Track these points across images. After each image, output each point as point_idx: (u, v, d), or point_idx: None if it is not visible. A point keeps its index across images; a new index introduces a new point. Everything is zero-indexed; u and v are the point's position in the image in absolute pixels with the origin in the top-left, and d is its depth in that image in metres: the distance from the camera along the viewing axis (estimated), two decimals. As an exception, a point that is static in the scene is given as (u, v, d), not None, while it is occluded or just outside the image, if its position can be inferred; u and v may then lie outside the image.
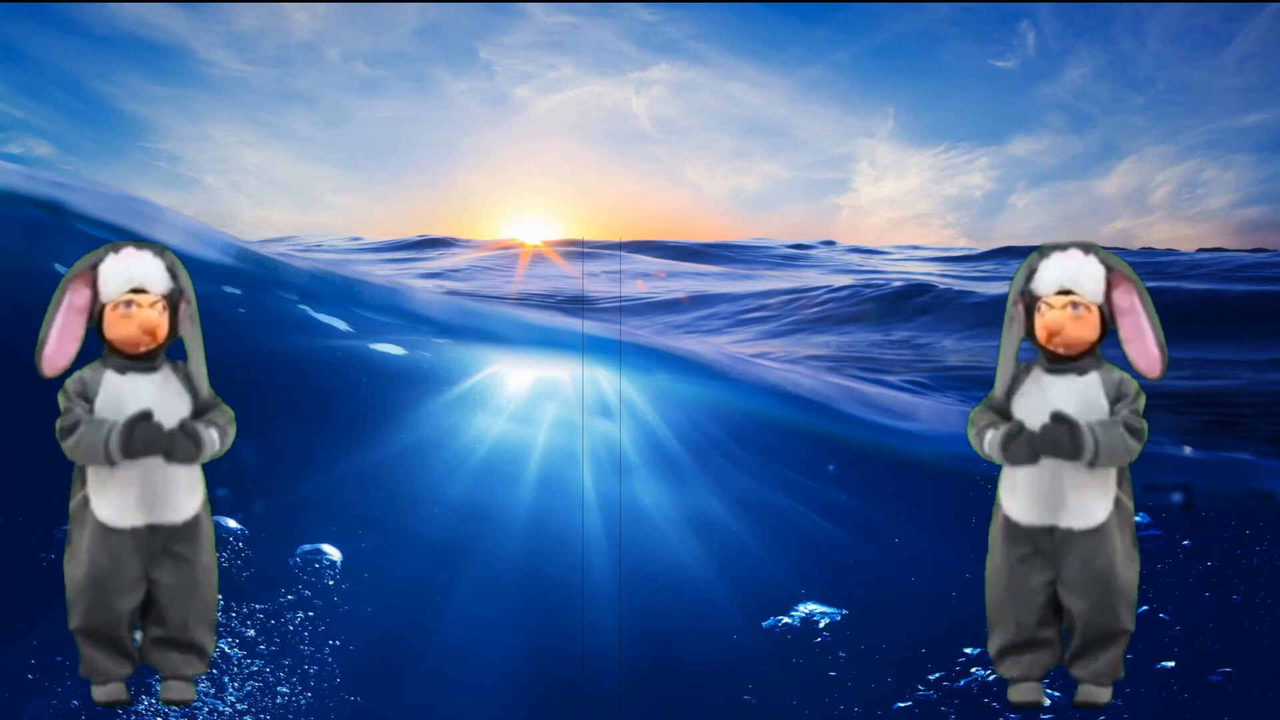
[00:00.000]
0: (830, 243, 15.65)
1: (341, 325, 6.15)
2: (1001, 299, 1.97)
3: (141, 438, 1.83)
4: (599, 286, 10.59)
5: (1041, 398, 1.89)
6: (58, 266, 5.19)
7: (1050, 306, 1.87)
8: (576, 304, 9.00)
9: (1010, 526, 1.94)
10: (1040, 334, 1.89)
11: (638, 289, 10.57)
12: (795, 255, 14.39)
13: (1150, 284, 1.88)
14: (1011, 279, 1.96)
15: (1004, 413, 1.94)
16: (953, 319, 8.47)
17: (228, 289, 5.63)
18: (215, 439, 1.93)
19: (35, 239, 5.09)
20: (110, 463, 1.83)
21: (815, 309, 9.14)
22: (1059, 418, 1.83)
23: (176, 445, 1.87)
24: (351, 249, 14.18)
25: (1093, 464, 1.83)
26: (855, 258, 14.32)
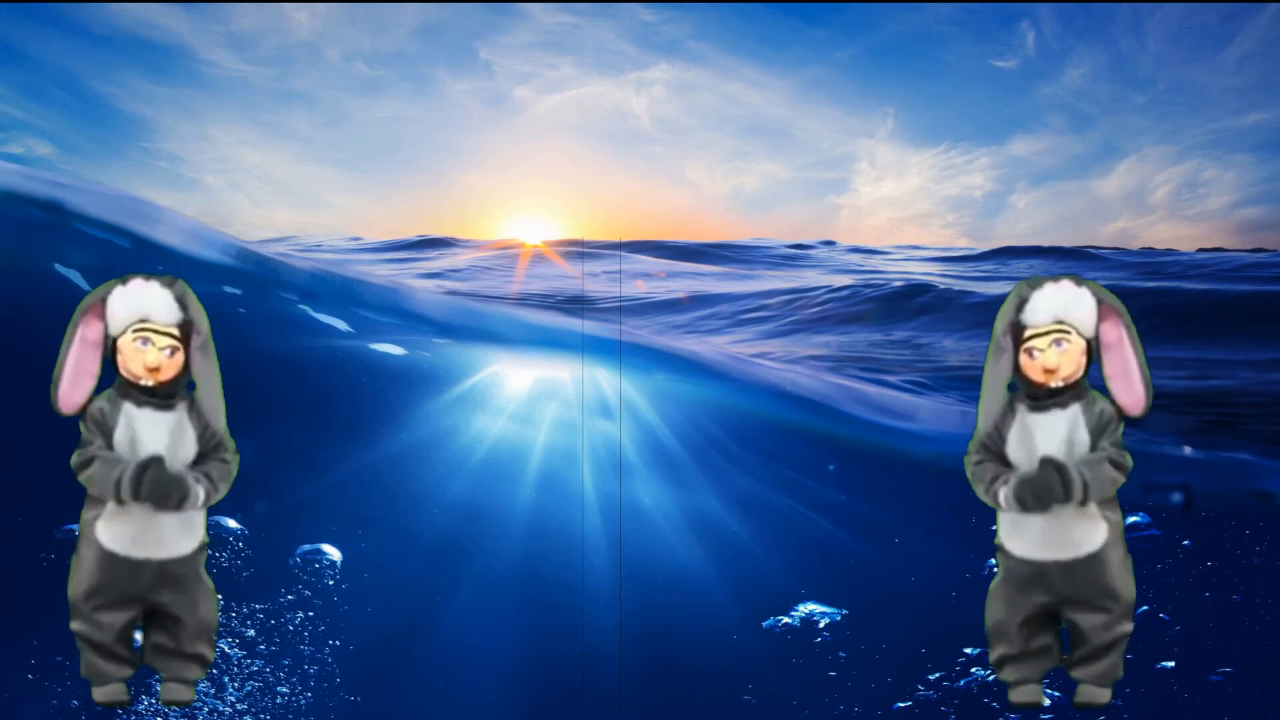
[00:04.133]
0: (830, 243, 15.66)
1: (341, 325, 6.15)
2: (1002, 299, 1.96)
3: (150, 485, 1.82)
4: (599, 286, 10.59)
5: (1030, 441, 1.89)
6: (58, 266, 5.19)
7: (1040, 349, 1.86)
8: (576, 304, 9.00)
9: (1007, 557, 1.96)
10: (1037, 375, 1.87)
11: (638, 289, 10.57)
12: (795, 255, 14.39)
13: (1150, 284, 1.88)
14: (1000, 304, 1.94)
15: (1000, 455, 1.93)
16: (953, 319, 8.47)
17: (228, 289, 5.62)
18: (200, 496, 1.89)
19: (35, 239, 5.09)
20: (120, 502, 1.84)
21: (815, 309, 9.14)
22: (1048, 463, 1.83)
23: (172, 494, 1.85)
24: (351, 249, 14.18)
25: (1083, 503, 1.85)
26: (855, 258, 14.32)
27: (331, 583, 5.93)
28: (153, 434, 1.88)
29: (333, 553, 5.88)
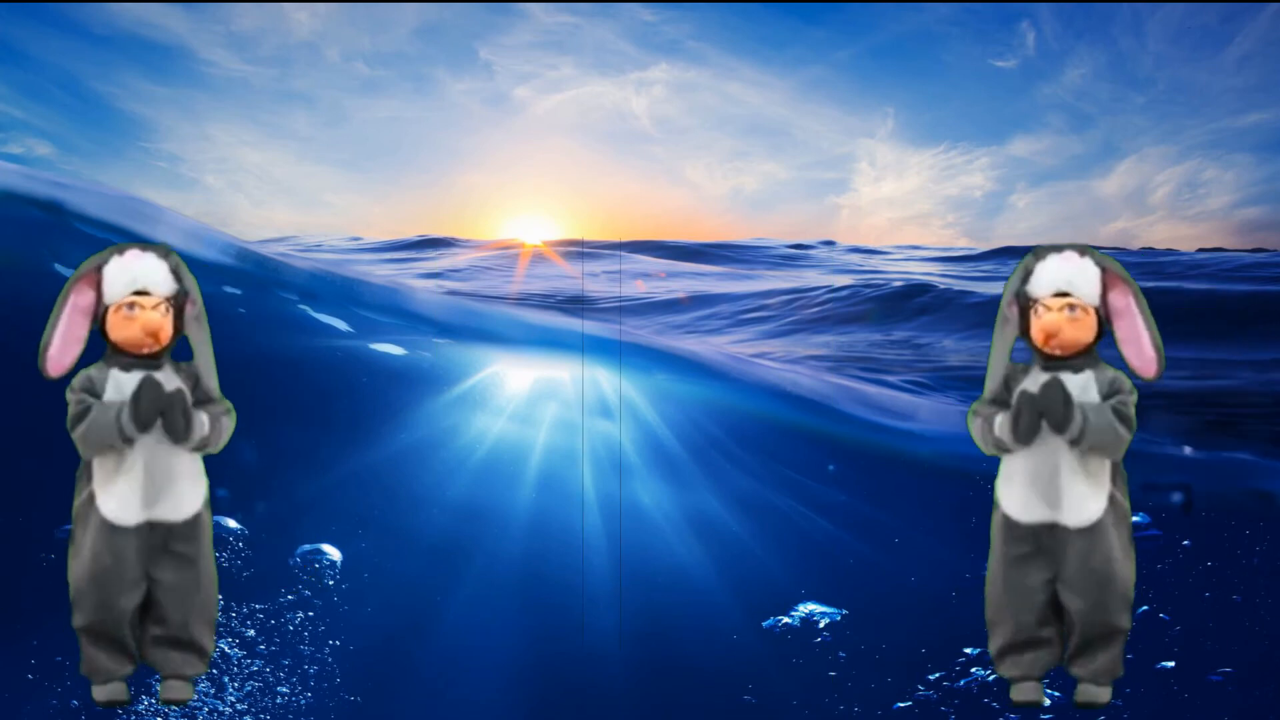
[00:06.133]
0: (830, 243, 15.66)
1: (341, 325, 6.15)
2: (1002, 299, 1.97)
3: (149, 398, 1.83)
4: (599, 286, 10.59)
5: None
6: (58, 266, 5.19)
7: (1047, 309, 1.87)
8: (576, 304, 9.01)
9: (1009, 525, 1.94)
10: (1037, 336, 1.89)
11: (638, 289, 10.57)
12: (795, 255, 14.39)
13: (1150, 284, 1.89)
14: (1007, 279, 1.96)
15: (1004, 404, 1.94)
16: (953, 319, 8.47)
17: (228, 289, 5.63)
18: (204, 421, 1.91)
19: (35, 239, 5.09)
20: (125, 438, 1.83)
21: (815, 309, 9.14)
22: (1055, 382, 1.84)
23: (175, 408, 1.86)
24: (351, 249, 14.18)
25: (1077, 441, 1.84)
26: (855, 258, 14.32)
27: (331, 583, 5.93)
28: None
29: (333, 553, 5.88)
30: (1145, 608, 6.19)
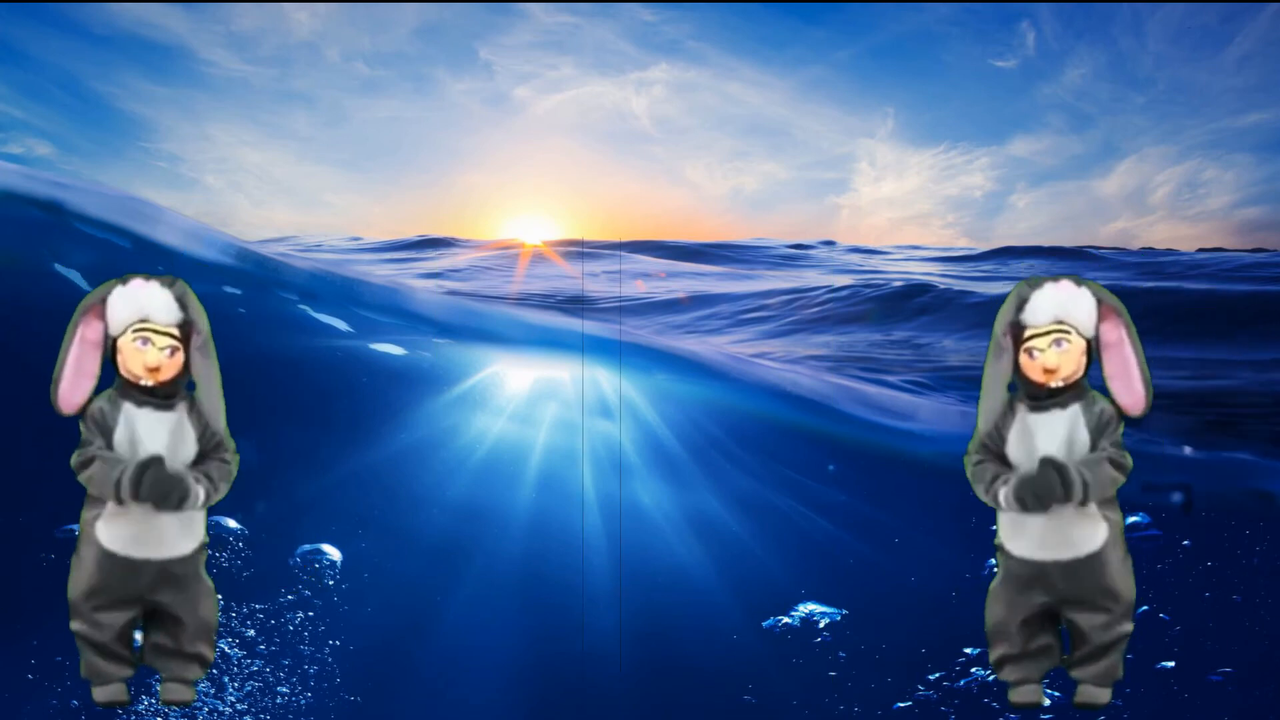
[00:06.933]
0: (830, 243, 15.65)
1: (341, 325, 6.15)
2: (1002, 299, 1.96)
3: (150, 485, 1.82)
4: (599, 286, 10.59)
5: (1031, 442, 1.89)
6: (58, 266, 5.19)
7: (1040, 349, 1.85)
8: (576, 304, 9.00)
9: (1009, 559, 1.95)
10: (1037, 375, 1.87)
11: (638, 289, 10.57)
12: (795, 255, 14.39)
13: (1150, 284, 1.89)
14: (998, 310, 1.93)
15: (1000, 455, 1.93)
16: (953, 319, 8.47)
17: (228, 289, 5.63)
18: (199, 495, 1.89)
19: (35, 239, 5.09)
20: (120, 502, 1.84)
21: (815, 309, 9.14)
22: (1048, 463, 1.83)
23: (173, 495, 1.86)
24: (351, 249, 14.18)
25: (1083, 503, 1.85)
26: (855, 258, 14.32)
27: (331, 583, 5.93)
28: (153, 434, 1.87)
29: (333, 553, 5.88)
30: (1145, 608, 6.19)
